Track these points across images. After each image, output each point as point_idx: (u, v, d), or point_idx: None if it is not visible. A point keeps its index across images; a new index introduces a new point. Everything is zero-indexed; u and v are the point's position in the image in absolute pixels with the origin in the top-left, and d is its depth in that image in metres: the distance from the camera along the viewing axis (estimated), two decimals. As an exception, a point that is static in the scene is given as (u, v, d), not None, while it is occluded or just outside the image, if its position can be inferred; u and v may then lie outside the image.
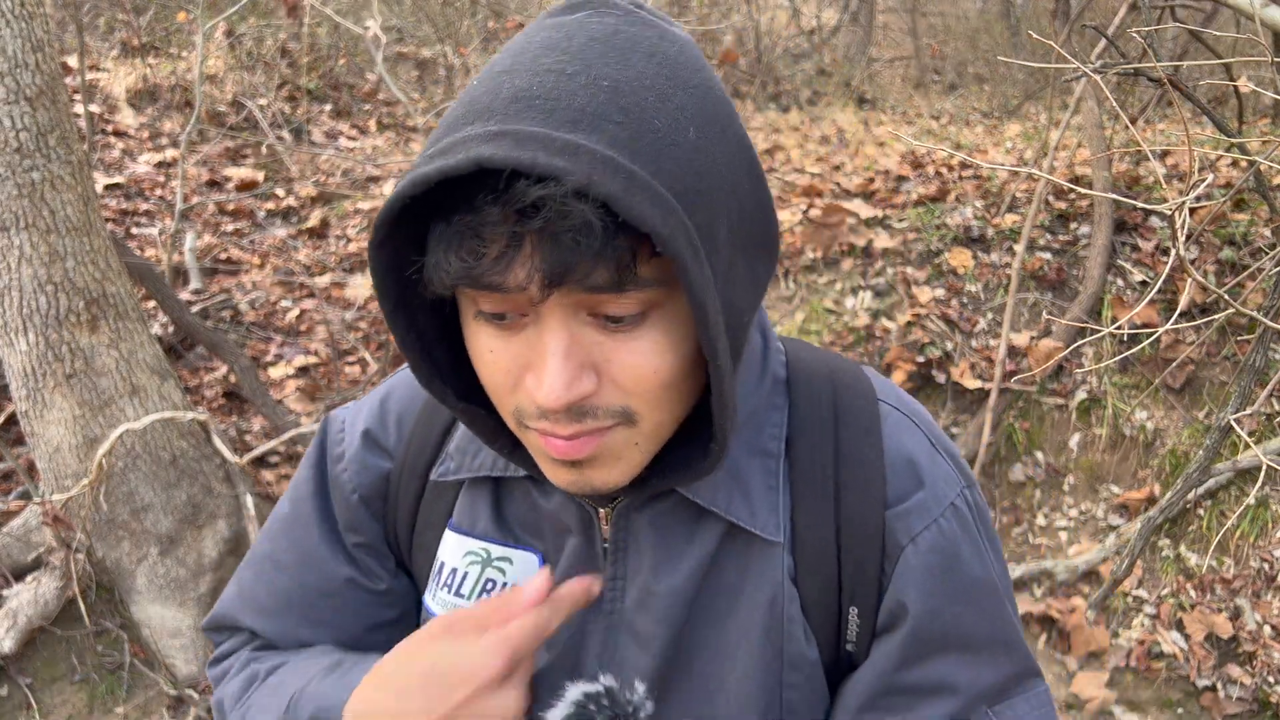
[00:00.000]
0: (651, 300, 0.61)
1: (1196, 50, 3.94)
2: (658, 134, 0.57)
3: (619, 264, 0.57)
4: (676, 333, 0.63)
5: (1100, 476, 3.28)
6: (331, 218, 4.70)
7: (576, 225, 0.53)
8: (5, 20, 2.33)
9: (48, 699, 2.65)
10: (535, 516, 0.81)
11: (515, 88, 0.58)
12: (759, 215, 0.66)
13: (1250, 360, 1.51)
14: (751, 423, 0.76)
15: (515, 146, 0.54)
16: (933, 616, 0.73)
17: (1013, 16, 8.19)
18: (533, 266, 0.56)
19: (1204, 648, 2.74)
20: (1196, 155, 2.16)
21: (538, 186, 0.53)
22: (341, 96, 6.02)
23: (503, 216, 0.55)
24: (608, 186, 0.53)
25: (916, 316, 3.58)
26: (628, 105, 0.57)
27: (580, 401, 0.62)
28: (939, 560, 0.73)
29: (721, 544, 0.76)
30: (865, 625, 0.76)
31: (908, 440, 0.77)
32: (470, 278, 0.58)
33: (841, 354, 0.88)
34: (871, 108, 6.75)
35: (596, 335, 0.61)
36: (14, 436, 3.15)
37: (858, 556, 0.74)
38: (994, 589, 0.75)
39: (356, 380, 3.70)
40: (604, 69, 0.58)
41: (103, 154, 4.78)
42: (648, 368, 0.62)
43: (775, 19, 8.26)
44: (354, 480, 0.87)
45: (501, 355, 0.64)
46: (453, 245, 0.57)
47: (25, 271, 2.45)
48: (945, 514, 0.75)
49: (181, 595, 2.77)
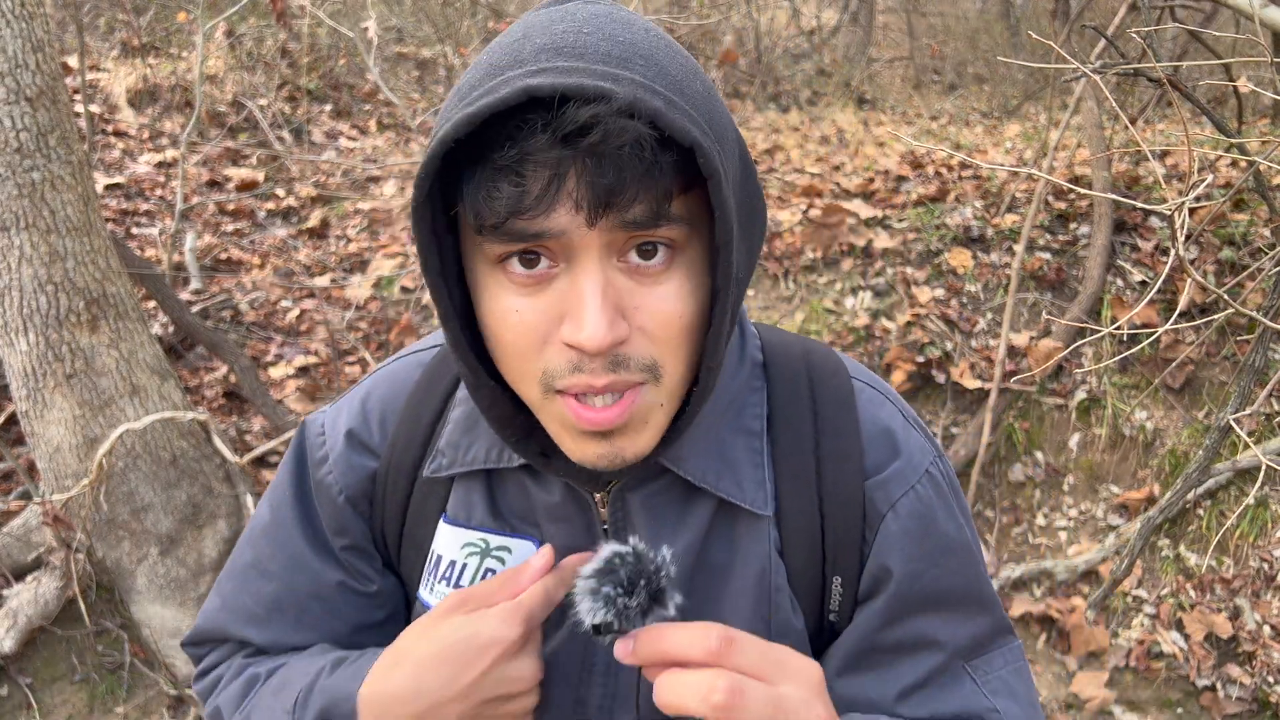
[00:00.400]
0: (678, 240, 0.64)
1: (1196, 50, 3.94)
2: (674, 79, 0.61)
3: (659, 193, 0.60)
4: (696, 279, 0.66)
5: (1100, 476, 3.28)
6: (331, 218, 4.71)
7: (630, 140, 0.56)
8: (5, 20, 2.33)
9: (48, 699, 2.65)
10: (530, 506, 0.82)
11: (538, 44, 0.61)
12: (749, 185, 0.69)
13: (1250, 360, 1.52)
14: (734, 405, 0.79)
15: (560, 75, 0.57)
16: (914, 578, 0.77)
17: (1012, 16, 8.19)
18: (580, 195, 0.58)
19: (1204, 647, 2.74)
20: (1196, 155, 2.16)
21: (588, 107, 0.55)
22: (341, 97, 6.03)
23: (550, 143, 0.57)
24: (651, 104, 0.56)
25: (916, 316, 3.58)
26: (646, 54, 0.61)
27: (618, 346, 0.64)
28: (917, 525, 0.77)
29: (712, 522, 0.78)
30: (848, 593, 0.79)
31: (882, 414, 0.81)
32: (521, 207, 0.59)
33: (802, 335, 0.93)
34: (871, 108, 6.75)
35: (627, 282, 0.64)
36: (14, 436, 3.15)
37: (839, 526, 0.77)
38: (969, 549, 0.80)
39: (356, 380, 3.70)
40: (613, 30, 0.62)
41: (103, 154, 4.78)
42: (674, 313, 0.65)
43: (775, 19, 8.26)
44: (340, 481, 0.87)
45: (528, 313, 0.64)
46: (498, 180, 0.59)
47: (25, 271, 2.45)
48: (921, 481, 0.78)
49: (181, 595, 2.77)
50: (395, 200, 4.78)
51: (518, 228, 0.60)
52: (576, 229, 0.60)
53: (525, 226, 0.60)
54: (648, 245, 0.63)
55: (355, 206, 4.77)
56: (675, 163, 0.59)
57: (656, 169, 0.58)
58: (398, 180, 5.04)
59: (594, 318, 0.61)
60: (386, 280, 4.13)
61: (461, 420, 0.84)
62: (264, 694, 0.83)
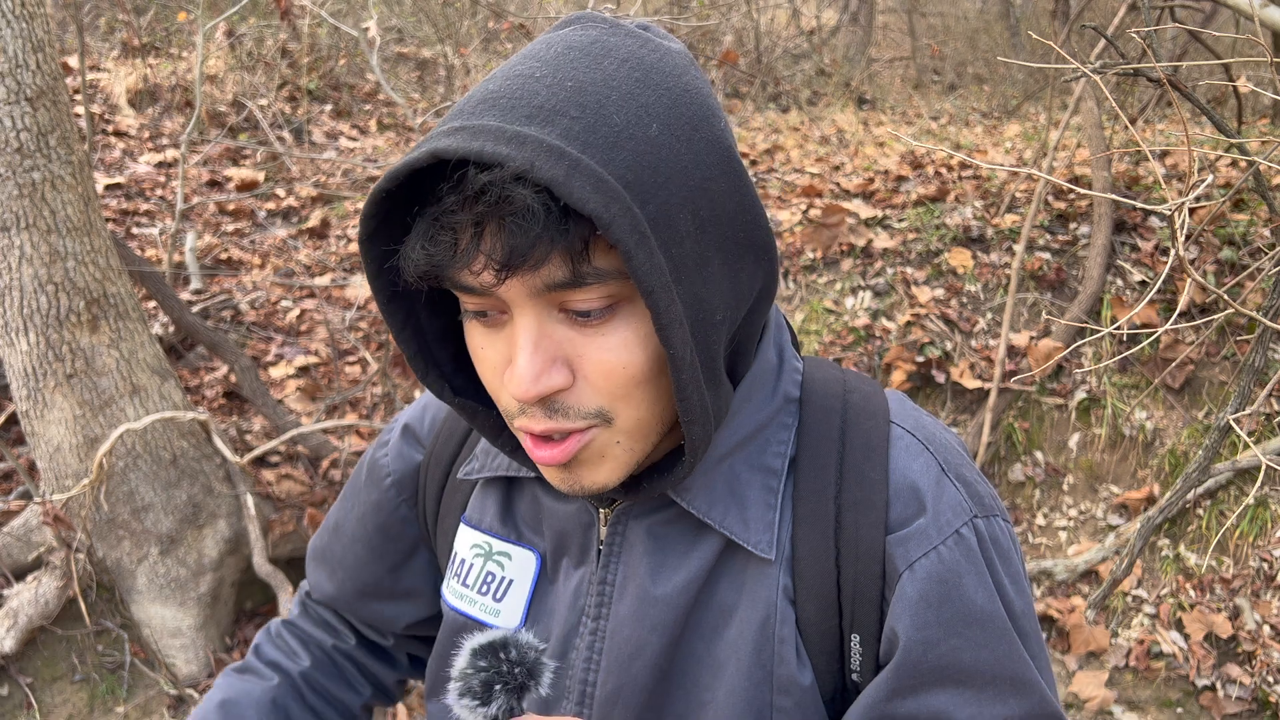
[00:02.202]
0: (616, 294, 0.62)
1: (1196, 50, 3.94)
2: (614, 128, 0.59)
3: (571, 253, 0.59)
4: (645, 328, 0.64)
5: (1100, 476, 3.28)
6: (332, 218, 4.71)
7: (518, 209, 0.56)
8: (6, 20, 2.33)
9: (48, 698, 2.65)
10: (539, 516, 0.83)
11: (486, 91, 0.62)
12: (741, 217, 0.66)
13: (1250, 360, 1.52)
14: (757, 439, 0.76)
15: (469, 138, 0.57)
16: (926, 647, 0.70)
17: (1012, 16, 8.19)
18: (488, 256, 0.58)
19: (1203, 647, 2.75)
20: (1196, 155, 2.16)
21: (485, 174, 0.56)
22: (341, 97, 6.03)
23: (458, 204, 0.57)
24: (549, 172, 0.55)
25: (916, 316, 3.58)
26: (586, 102, 0.59)
27: (552, 396, 0.64)
28: (936, 589, 0.71)
29: (720, 559, 0.75)
30: (868, 654, 0.74)
31: (915, 464, 0.75)
32: (433, 267, 0.60)
33: (858, 371, 0.88)
34: (871, 108, 6.75)
35: (568, 332, 0.63)
36: (14, 436, 3.15)
37: (857, 581, 0.73)
38: (1000, 623, 0.71)
39: (356, 380, 3.70)
40: (571, 71, 0.61)
41: (103, 154, 4.78)
42: (617, 364, 0.63)
43: (775, 19, 8.26)
44: (391, 466, 0.95)
45: (489, 352, 0.66)
46: (421, 237, 0.60)
47: (26, 271, 2.46)
48: (947, 542, 0.72)
49: (182, 595, 2.77)
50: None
51: (452, 279, 0.61)
52: (492, 277, 0.60)
53: (457, 279, 0.61)
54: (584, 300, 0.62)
55: (355, 206, 4.77)
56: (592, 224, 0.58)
57: (560, 232, 0.57)
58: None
59: (521, 370, 0.62)
60: (386, 280, 4.12)
61: None
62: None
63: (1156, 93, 4.11)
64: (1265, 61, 1.25)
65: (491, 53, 6.44)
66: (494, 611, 0.84)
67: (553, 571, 0.82)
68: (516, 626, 0.81)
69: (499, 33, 6.38)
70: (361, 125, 5.84)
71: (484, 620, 0.84)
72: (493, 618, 0.84)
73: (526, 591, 0.82)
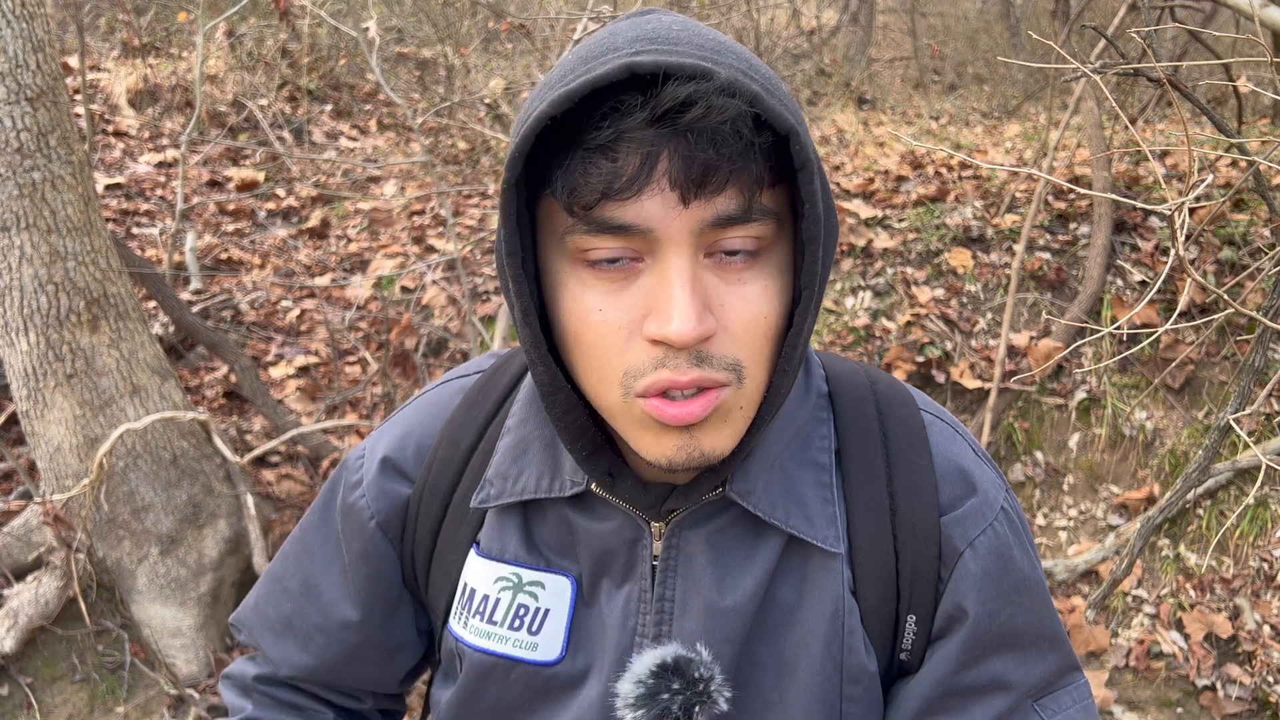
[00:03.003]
0: (766, 237, 0.63)
1: (1196, 50, 3.94)
2: (765, 75, 0.62)
3: (751, 180, 0.59)
4: (780, 281, 0.65)
5: (1100, 476, 3.28)
6: (332, 218, 4.71)
7: (731, 117, 0.56)
8: (6, 20, 2.33)
9: (48, 699, 2.65)
10: (569, 539, 0.79)
11: (630, 36, 0.61)
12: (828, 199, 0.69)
13: (1250, 360, 1.52)
14: (800, 437, 0.77)
15: (663, 54, 0.57)
16: (991, 618, 0.74)
17: (1012, 16, 8.19)
18: (674, 175, 0.58)
19: (1203, 647, 2.74)
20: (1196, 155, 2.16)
21: (690, 84, 0.55)
22: (342, 97, 6.03)
23: (647, 122, 0.57)
24: (751, 87, 0.56)
25: (916, 316, 3.58)
26: (736, 50, 0.62)
27: (704, 343, 0.62)
28: (995, 563, 0.75)
29: (780, 560, 0.75)
30: (921, 632, 0.76)
31: (955, 448, 0.79)
32: (613, 186, 0.58)
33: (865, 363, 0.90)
34: (871, 108, 6.75)
35: (713, 278, 0.63)
36: (14, 436, 3.15)
37: (915, 564, 0.75)
38: (1041, 585, 0.77)
39: (356, 380, 3.71)
40: (701, 30, 0.63)
41: (103, 154, 4.78)
42: (759, 314, 0.64)
43: (775, 19, 8.26)
44: (371, 507, 0.86)
45: (611, 311, 0.63)
46: (593, 158, 0.58)
47: (26, 271, 2.46)
48: (998, 518, 0.76)
49: (182, 595, 2.77)
50: (395, 200, 4.78)
51: (607, 214, 0.60)
52: (666, 215, 0.59)
53: (615, 215, 0.60)
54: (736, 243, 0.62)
55: (355, 206, 4.77)
56: (768, 151, 0.59)
57: (753, 152, 0.58)
58: (398, 180, 5.04)
59: (683, 309, 0.59)
60: (386, 280, 4.13)
61: (510, 449, 0.81)
62: None
63: (1156, 93, 4.11)
64: (1265, 61, 1.25)
65: (491, 53, 6.44)
66: (531, 646, 0.79)
67: (590, 595, 0.78)
68: (558, 657, 0.78)
69: (499, 33, 6.38)
70: (361, 125, 5.84)
71: (520, 657, 0.79)
72: (530, 653, 0.79)
73: (565, 619, 0.79)
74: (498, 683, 0.80)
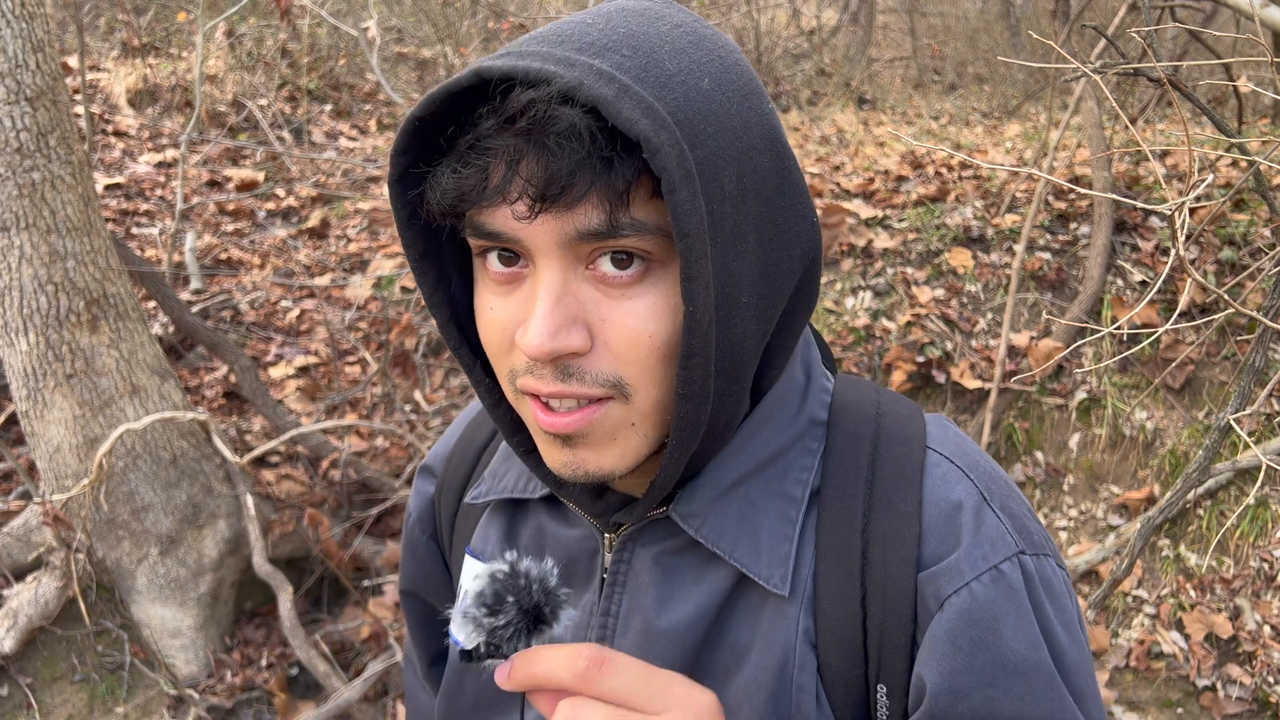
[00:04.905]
0: (649, 253, 0.58)
1: (1196, 50, 3.94)
2: (666, 71, 0.56)
3: (611, 194, 0.55)
4: (675, 298, 0.59)
5: (1100, 476, 3.28)
6: (331, 218, 4.71)
7: (562, 129, 0.52)
8: (5, 20, 2.33)
9: (48, 699, 2.65)
10: (543, 544, 0.78)
11: (535, 34, 0.60)
12: (780, 201, 0.62)
13: (1250, 360, 1.52)
14: (777, 464, 0.70)
15: (515, 59, 0.55)
16: (956, 697, 0.62)
17: (1013, 16, 8.19)
18: (526, 182, 0.55)
19: (1204, 648, 2.74)
20: (1196, 155, 2.16)
21: (528, 91, 0.53)
22: (341, 96, 6.03)
23: (496, 128, 0.54)
24: (597, 90, 0.52)
25: (916, 316, 3.58)
26: (640, 46, 0.57)
27: (567, 356, 0.59)
28: (969, 631, 0.63)
29: (733, 593, 0.69)
30: (896, 707, 0.66)
31: (952, 493, 0.67)
32: (461, 197, 0.57)
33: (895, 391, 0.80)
34: (871, 108, 6.75)
35: (593, 292, 0.59)
36: (14, 436, 3.15)
37: (885, 624, 0.65)
38: (1046, 675, 0.63)
39: (356, 380, 3.70)
40: (624, 23, 0.59)
41: (103, 154, 4.78)
42: (643, 331, 0.59)
43: (775, 19, 8.26)
44: (411, 506, 0.92)
45: (500, 311, 0.62)
46: (453, 161, 0.57)
47: (26, 271, 2.46)
48: (983, 577, 0.63)
49: (182, 595, 2.77)
50: (395, 200, 4.77)
51: (478, 220, 0.58)
52: (526, 226, 0.56)
53: (484, 221, 0.58)
54: (620, 254, 0.58)
55: (355, 206, 4.77)
56: (638, 162, 0.54)
57: (603, 164, 0.53)
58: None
59: (536, 324, 0.57)
60: (386, 280, 4.13)
61: (505, 448, 0.82)
62: None
63: (1157, 93, 4.11)
64: (1265, 61, 1.25)
65: (491, 52, 6.43)
66: None
67: None
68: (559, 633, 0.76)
69: (499, 33, 6.38)
70: (361, 125, 5.84)
71: None
72: None
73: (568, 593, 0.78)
74: (474, 679, 0.82)
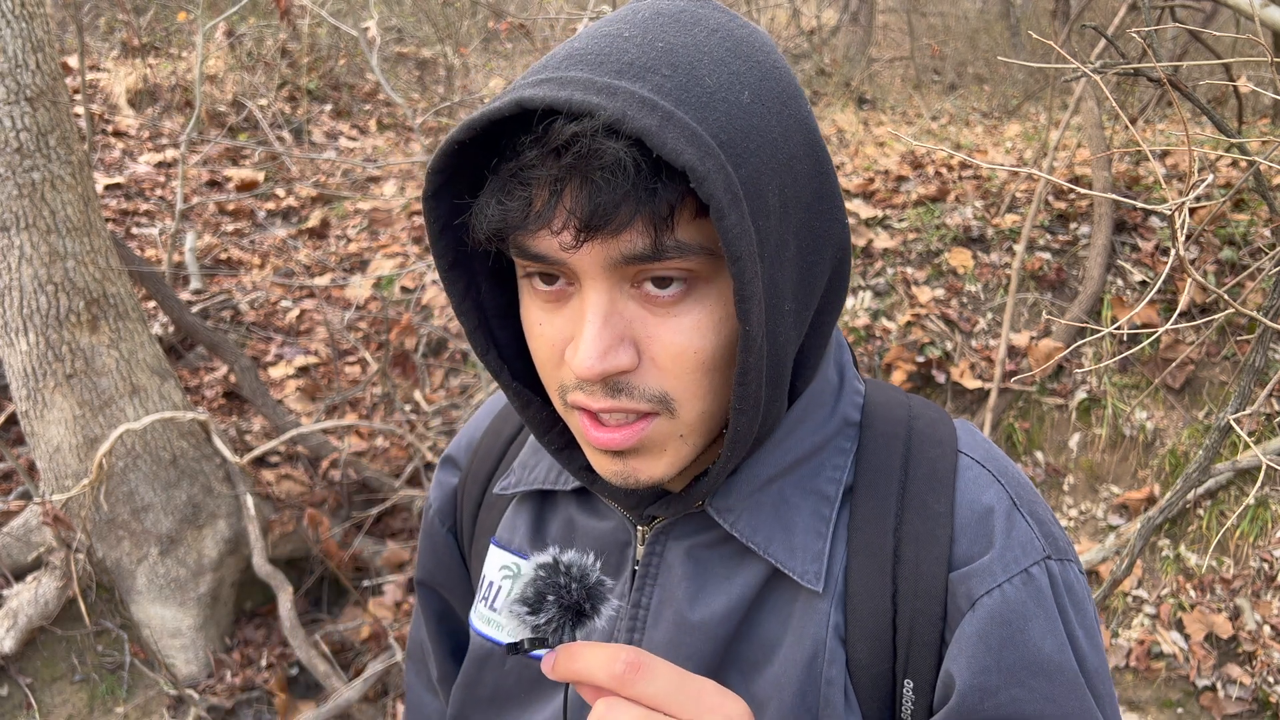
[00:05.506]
0: (694, 271, 0.59)
1: (1196, 50, 3.94)
2: (706, 89, 0.56)
3: (655, 220, 0.55)
4: (720, 312, 0.60)
5: (1100, 476, 3.28)
6: (331, 218, 4.71)
7: (607, 163, 0.53)
8: (5, 20, 2.33)
9: (48, 699, 2.65)
10: (572, 535, 0.79)
11: (572, 49, 0.59)
12: (818, 206, 0.64)
13: (1250, 360, 1.52)
14: (811, 462, 0.71)
15: (556, 88, 0.54)
16: (984, 695, 0.64)
17: (1013, 16, 8.19)
18: (569, 214, 0.55)
19: (1204, 648, 2.74)
20: (1196, 155, 2.16)
21: (573, 124, 0.53)
22: (341, 96, 6.03)
23: (540, 158, 0.55)
24: (641, 122, 0.52)
25: (916, 316, 3.58)
26: (678, 62, 0.57)
27: (616, 375, 0.60)
28: (999, 631, 0.64)
29: (765, 588, 0.70)
30: (921, 703, 0.67)
31: (984, 497, 0.69)
32: (506, 225, 0.57)
33: (925, 399, 0.81)
34: (871, 108, 6.75)
35: (639, 310, 0.60)
36: (14, 436, 3.15)
37: (915, 621, 0.67)
38: (1071, 677, 0.65)
39: (356, 380, 3.70)
40: (661, 34, 0.59)
41: (103, 154, 4.78)
42: (689, 347, 0.60)
43: (775, 19, 8.26)
44: (432, 498, 0.92)
45: (549, 327, 0.63)
46: (497, 192, 0.57)
47: (26, 271, 2.46)
48: (1014, 580, 0.65)
49: (182, 595, 2.77)
50: (395, 200, 4.78)
51: (522, 242, 0.59)
52: (571, 252, 0.57)
53: (528, 244, 0.58)
54: (662, 275, 0.59)
55: (355, 206, 4.77)
56: (682, 186, 0.55)
57: (648, 193, 0.54)
58: (397, 180, 5.04)
59: (586, 347, 0.58)
60: (386, 280, 4.13)
61: (533, 440, 0.84)
62: None
63: (1157, 93, 4.11)
64: (1265, 61, 1.25)
65: (491, 53, 6.44)
66: None
67: None
68: (602, 624, 0.76)
69: (499, 33, 6.38)
70: (361, 125, 5.84)
71: None
72: None
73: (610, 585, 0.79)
74: (494, 670, 0.82)
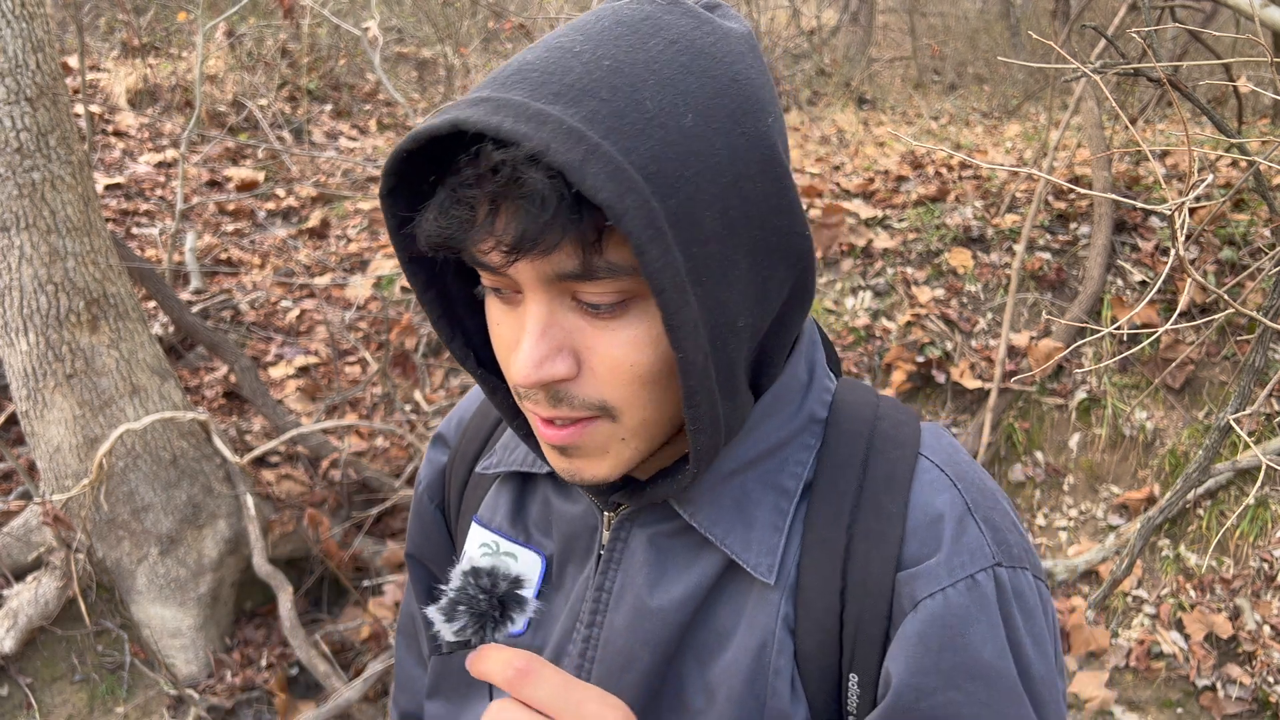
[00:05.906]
0: (630, 289, 0.60)
1: (1196, 50, 3.94)
2: (645, 114, 0.56)
3: (583, 243, 0.56)
4: (658, 327, 0.61)
5: (1100, 476, 3.28)
6: (331, 218, 4.71)
7: (529, 193, 0.54)
8: (6, 21, 2.33)
9: (48, 699, 2.65)
10: (549, 517, 0.81)
11: (522, 61, 0.60)
12: (775, 220, 0.63)
13: (1250, 360, 1.52)
14: (774, 457, 0.72)
15: (491, 112, 0.55)
16: (919, 694, 0.65)
17: (1013, 16, 8.19)
18: (497, 238, 0.57)
19: (1204, 648, 2.74)
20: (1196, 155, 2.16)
21: (500, 151, 0.54)
22: (341, 96, 6.03)
23: (476, 178, 0.56)
24: (564, 156, 0.53)
25: (916, 316, 3.58)
26: (619, 84, 0.57)
27: (554, 384, 0.62)
28: (939, 634, 0.65)
29: (722, 578, 0.72)
30: (865, 697, 0.69)
31: (939, 500, 0.70)
32: (446, 240, 0.59)
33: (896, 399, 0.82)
34: (871, 108, 6.75)
35: (578, 321, 0.61)
36: (14, 436, 3.15)
37: (861, 617, 0.68)
38: (1009, 683, 0.65)
39: (356, 380, 3.70)
40: (612, 49, 0.59)
41: (103, 154, 4.78)
42: (624, 361, 0.61)
43: (775, 19, 8.27)
44: (422, 474, 0.94)
45: (504, 327, 0.65)
46: (436, 207, 0.59)
47: (26, 271, 2.46)
48: (959, 585, 0.66)
49: (182, 595, 2.77)
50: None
51: (469, 251, 0.60)
52: (500, 258, 0.58)
53: (472, 253, 0.60)
54: (594, 296, 0.60)
55: (355, 206, 4.77)
56: None
57: (572, 222, 0.55)
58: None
59: (522, 356, 0.60)
60: (386, 280, 4.13)
61: None
62: None
63: (1157, 93, 4.11)
64: (1265, 61, 1.25)
65: (492, 52, 6.44)
66: None
67: (558, 577, 0.80)
68: (518, 631, 0.78)
69: (499, 33, 6.38)
70: (361, 125, 5.84)
71: None
72: None
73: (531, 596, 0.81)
74: None
